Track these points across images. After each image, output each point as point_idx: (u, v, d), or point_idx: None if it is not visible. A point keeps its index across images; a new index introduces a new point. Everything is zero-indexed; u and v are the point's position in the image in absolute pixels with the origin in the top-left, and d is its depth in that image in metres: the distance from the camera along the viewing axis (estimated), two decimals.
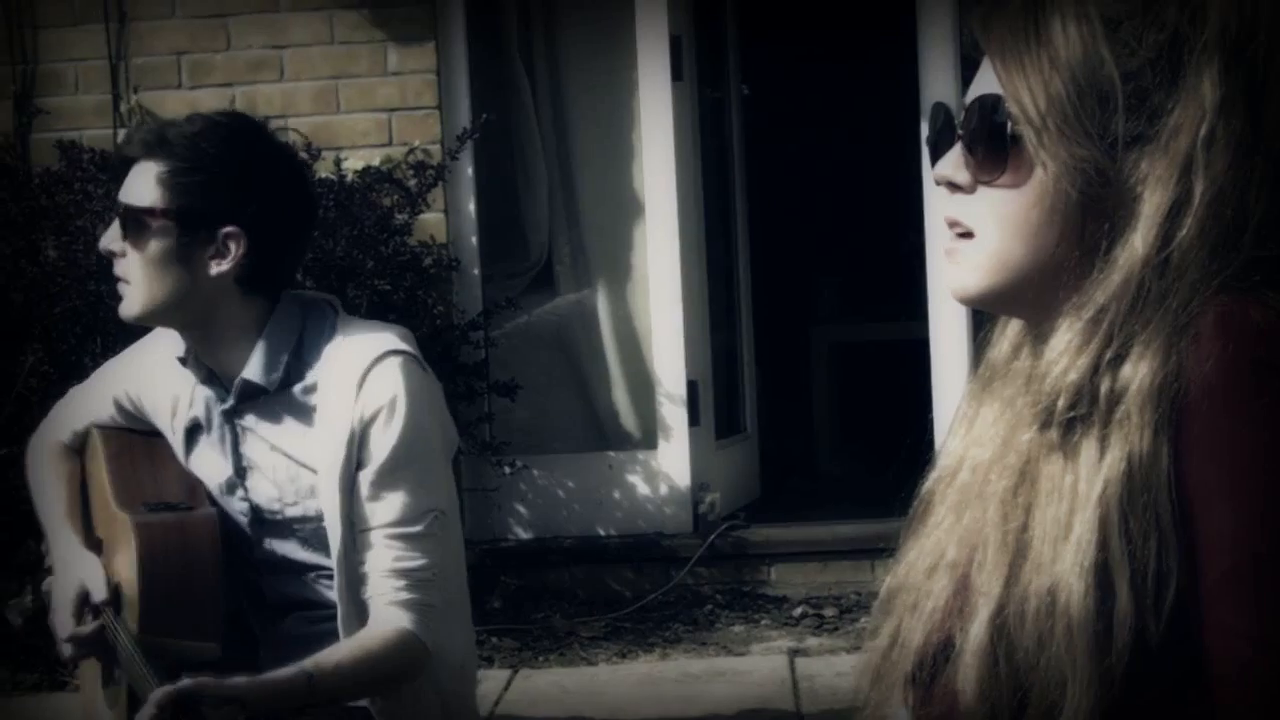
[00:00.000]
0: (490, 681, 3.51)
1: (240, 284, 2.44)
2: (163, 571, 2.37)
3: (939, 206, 4.77)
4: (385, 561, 2.39)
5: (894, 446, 3.07)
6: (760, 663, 3.82)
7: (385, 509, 2.40)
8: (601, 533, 5.00)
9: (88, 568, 2.48)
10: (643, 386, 5.11)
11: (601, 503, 5.02)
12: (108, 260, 2.49)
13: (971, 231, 1.29)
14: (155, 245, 2.41)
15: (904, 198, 5.17)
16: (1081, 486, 1.19)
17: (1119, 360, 1.20)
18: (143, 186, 2.41)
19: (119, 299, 2.50)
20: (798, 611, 4.51)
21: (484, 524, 4.91)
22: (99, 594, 2.43)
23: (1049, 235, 1.25)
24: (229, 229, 2.39)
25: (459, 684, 2.58)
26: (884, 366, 6.17)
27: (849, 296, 7.11)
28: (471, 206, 5.01)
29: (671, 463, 5.01)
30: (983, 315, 1.45)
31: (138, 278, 2.43)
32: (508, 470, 4.76)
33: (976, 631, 1.24)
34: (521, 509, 5.03)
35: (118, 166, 2.52)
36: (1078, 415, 1.21)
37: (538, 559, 4.86)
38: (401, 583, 2.39)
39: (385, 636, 2.37)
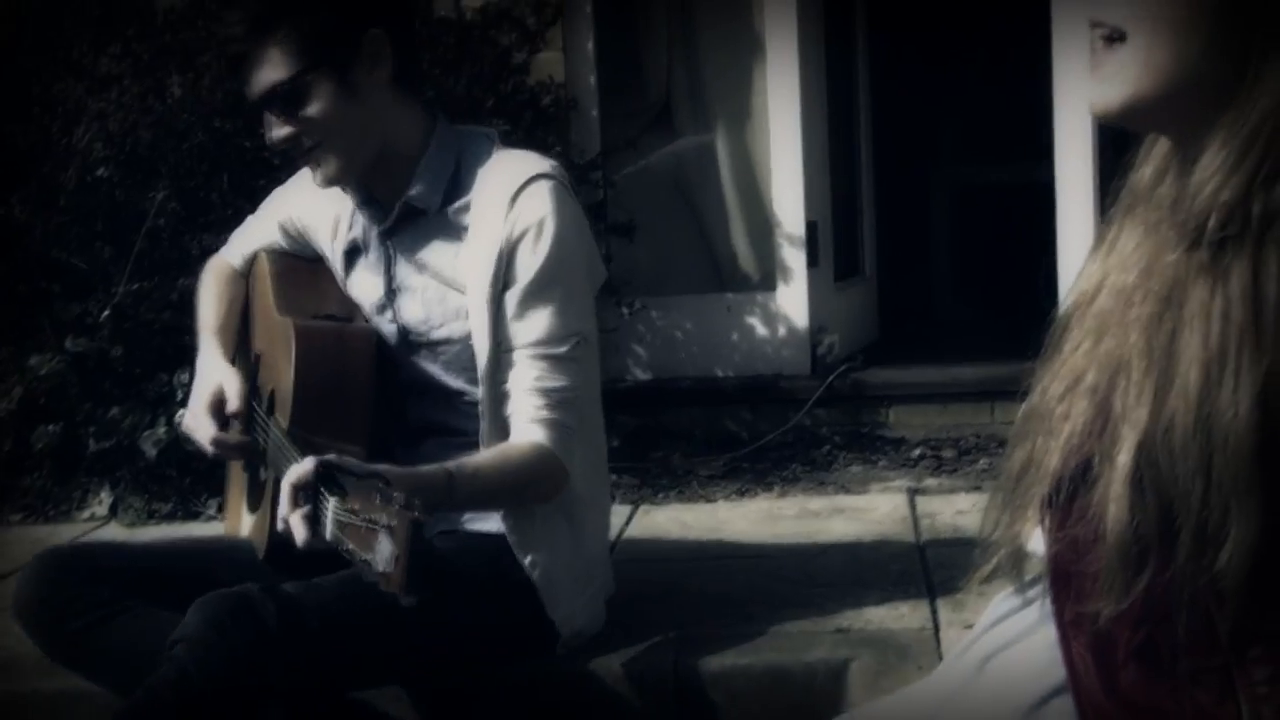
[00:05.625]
0: (612, 515, 3.56)
1: (396, 83, 2.49)
2: (318, 371, 2.45)
3: (1067, 42, 4.69)
4: (527, 380, 2.45)
5: (1014, 292, 3.04)
6: (879, 500, 3.84)
7: (529, 328, 2.45)
8: (719, 374, 5.01)
9: (225, 376, 2.57)
10: (761, 228, 5.08)
11: (719, 344, 5.03)
12: (287, 152, 2.52)
13: (1117, 31, 1.25)
14: (318, 100, 2.44)
15: (1030, 36, 5.04)
16: (1235, 311, 1.17)
17: (1274, 178, 1.17)
18: (269, 67, 2.42)
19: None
20: (916, 453, 4.51)
21: (602, 364, 4.89)
22: (234, 401, 2.51)
23: (1194, 39, 1.21)
24: (372, 31, 2.45)
25: (590, 514, 2.63)
26: (1006, 210, 6.08)
27: (971, 137, 6.98)
28: (590, 45, 4.95)
29: (790, 304, 5.00)
30: (1110, 157, 1.41)
31: (323, 138, 2.47)
32: (626, 311, 4.78)
33: (1124, 459, 1.23)
34: (640, 350, 5.05)
35: (231, 68, 2.52)
36: (1229, 236, 1.19)
37: (656, 399, 4.87)
38: (542, 401, 2.44)
39: (524, 449, 2.43)
